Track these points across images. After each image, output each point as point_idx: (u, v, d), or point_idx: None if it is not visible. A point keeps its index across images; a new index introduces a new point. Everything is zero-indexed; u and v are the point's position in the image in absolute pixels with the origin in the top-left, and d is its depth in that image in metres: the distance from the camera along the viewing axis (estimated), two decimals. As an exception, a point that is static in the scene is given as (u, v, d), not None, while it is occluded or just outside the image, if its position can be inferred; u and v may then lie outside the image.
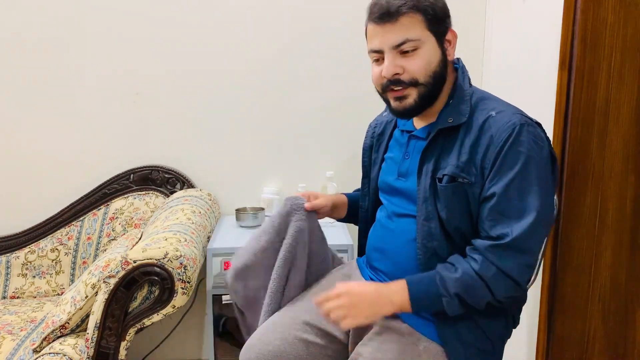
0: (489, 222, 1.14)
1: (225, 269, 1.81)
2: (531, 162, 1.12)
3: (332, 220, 1.58)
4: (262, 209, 2.14)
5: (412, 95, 1.22)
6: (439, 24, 1.21)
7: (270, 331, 1.35)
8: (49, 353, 1.48)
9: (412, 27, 1.18)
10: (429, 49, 1.20)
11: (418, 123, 1.32)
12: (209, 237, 1.92)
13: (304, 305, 1.40)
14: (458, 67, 1.29)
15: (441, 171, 1.20)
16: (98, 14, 2.10)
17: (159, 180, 2.17)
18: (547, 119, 1.59)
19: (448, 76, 1.26)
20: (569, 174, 1.52)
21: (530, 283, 1.30)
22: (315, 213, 1.43)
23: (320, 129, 2.23)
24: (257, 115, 2.21)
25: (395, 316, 1.23)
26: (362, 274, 1.41)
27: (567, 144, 1.51)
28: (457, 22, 2.14)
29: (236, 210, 2.10)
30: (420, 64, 1.20)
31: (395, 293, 1.16)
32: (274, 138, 2.24)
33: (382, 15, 1.18)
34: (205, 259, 1.82)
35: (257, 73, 2.17)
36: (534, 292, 1.60)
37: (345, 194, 1.58)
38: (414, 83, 1.21)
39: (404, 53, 1.20)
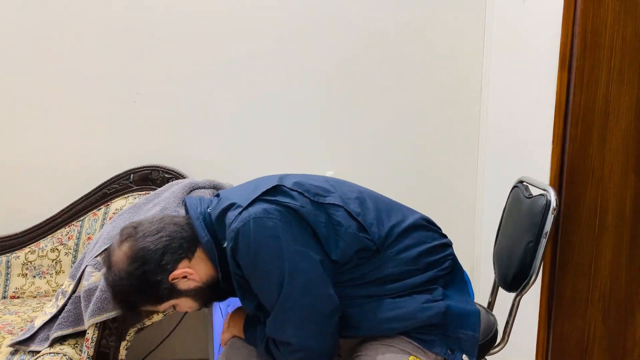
0: None
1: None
2: (259, 255, 1.15)
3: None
4: (262, 209, 2.13)
5: None
6: (149, 301, 1.26)
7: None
8: (49, 353, 1.49)
9: None
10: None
11: None
12: (209, 237, 1.92)
13: None
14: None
15: None
16: (98, 14, 2.10)
17: (159, 180, 2.17)
18: (547, 119, 1.59)
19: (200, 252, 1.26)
20: (569, 174, 1.52)
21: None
22: None
23: (320, 129, 2.23)
24: (257, 115, 2.21)
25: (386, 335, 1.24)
26: None
27: (567, 144, 1.51)
28: (458, 22, 2.18)
29: (236, 210, 2.09)
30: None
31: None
32: (274, 138, 2.24)
33: None
34: (205, 259, 1.82)
35: (257, 73, 2.17)
36: (534, 292, 1.60)
37: None
38: None
39: None
